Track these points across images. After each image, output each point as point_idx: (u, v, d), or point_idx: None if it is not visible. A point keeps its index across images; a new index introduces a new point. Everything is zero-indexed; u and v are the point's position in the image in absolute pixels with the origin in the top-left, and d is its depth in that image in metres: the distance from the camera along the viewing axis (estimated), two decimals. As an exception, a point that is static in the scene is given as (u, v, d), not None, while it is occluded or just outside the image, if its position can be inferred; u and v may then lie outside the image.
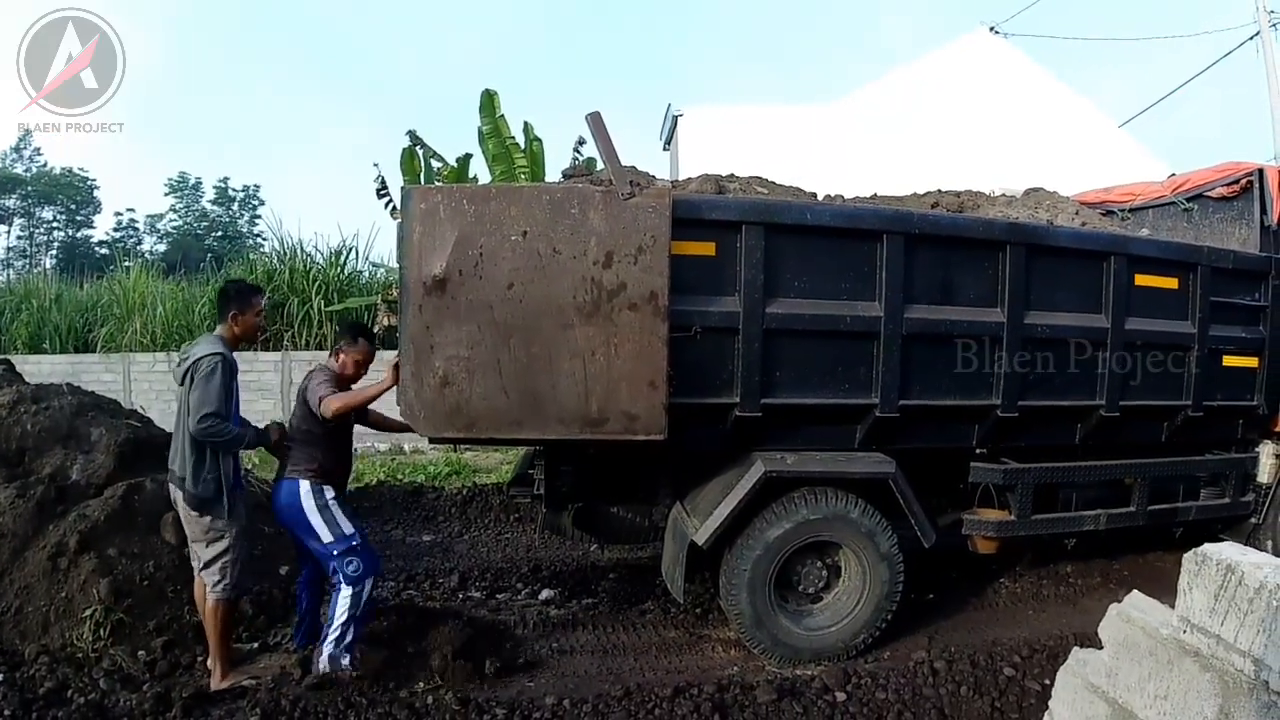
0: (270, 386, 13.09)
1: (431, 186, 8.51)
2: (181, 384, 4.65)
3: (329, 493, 4.79)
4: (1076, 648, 3.32)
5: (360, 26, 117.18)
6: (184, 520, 4.72)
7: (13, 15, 52.42)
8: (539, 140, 12.16)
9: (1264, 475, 6.74)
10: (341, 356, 5.02)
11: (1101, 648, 3.09)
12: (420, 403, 4.54)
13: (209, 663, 4.74)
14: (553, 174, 11.63)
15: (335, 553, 4.69)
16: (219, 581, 4.65)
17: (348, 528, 4.76)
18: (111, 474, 5.77)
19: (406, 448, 12.05)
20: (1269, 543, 6.82)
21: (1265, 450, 6.75)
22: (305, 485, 4.72)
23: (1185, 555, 2.74)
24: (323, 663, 4.63)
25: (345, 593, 4.68)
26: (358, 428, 5.23)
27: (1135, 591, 3.08)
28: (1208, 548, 2.69)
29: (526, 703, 4.51)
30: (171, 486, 4.76)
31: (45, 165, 46.57)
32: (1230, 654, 2.52)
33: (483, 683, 4.75)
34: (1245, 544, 6.31)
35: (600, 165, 5.35)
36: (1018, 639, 5.41)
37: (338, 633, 4.67)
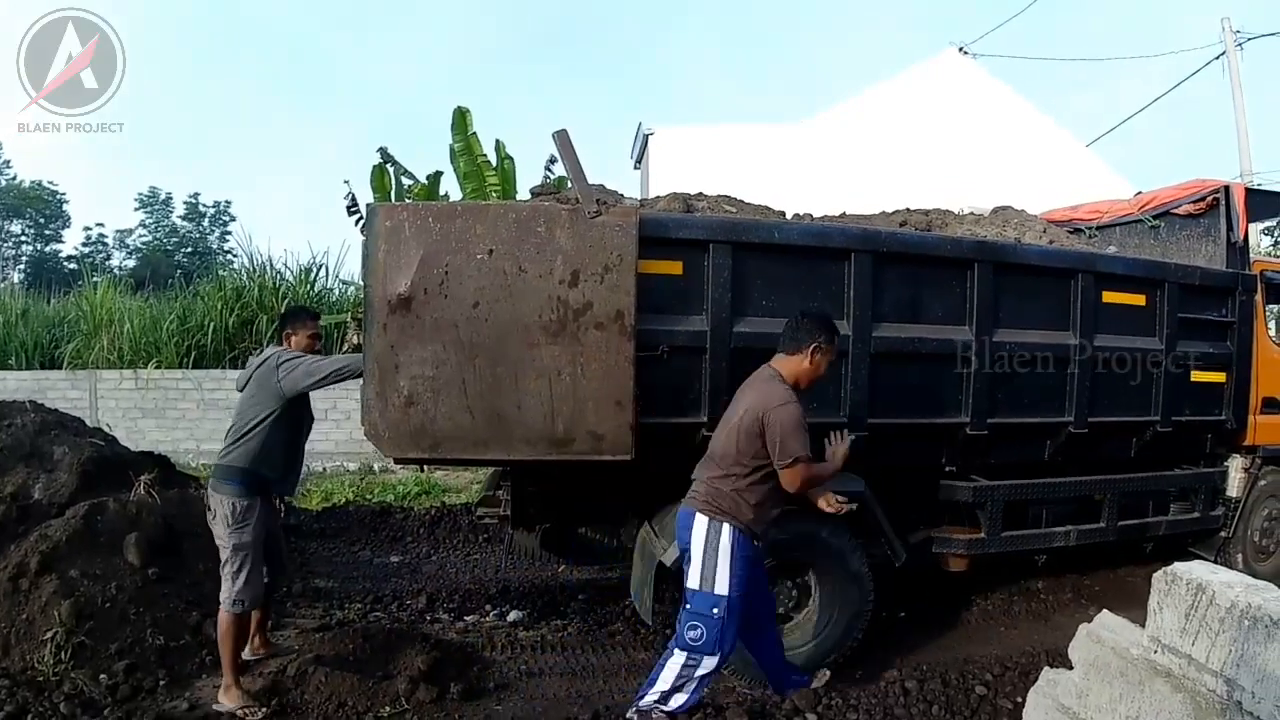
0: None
1: (397, 204, 8.46)
2: (241, 390, 4.90)
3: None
4: (1047, 668, 3.31)
5: (333, 42, 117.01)
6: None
7: (13, 15, 52.04)
8: (510, 158, 12.14)
9: (1233, 489, 6.84)
10: None
11: (1072, 667, 3.07)
12: (384, 423, 4.47)
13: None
14: (524, 192, 11.62)
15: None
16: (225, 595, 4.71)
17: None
18: (74, 493, 5.72)
19: (376, 467, 11.95)
20: (1239, 556, 6.89)
21: (1234, 464, 6.85)
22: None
23: (1155, 575, 2.73)
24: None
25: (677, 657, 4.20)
26: (329, 447, 5.20)
27: (1105, 611, 3.07)
28: (1178, 567, 2.68)
29: (493, 727, 4.46)
30: (211, 493, 4.78)
31: (14, 178, 46.13)
32: (1202, 674, 2.51)
33: (449, 707, 4.67)
34: (1215, 557, 6.46)
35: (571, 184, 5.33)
36: (990, 656, 5.41)
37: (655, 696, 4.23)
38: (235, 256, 26.52)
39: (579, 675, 5.30)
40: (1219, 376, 6.49)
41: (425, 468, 10.67)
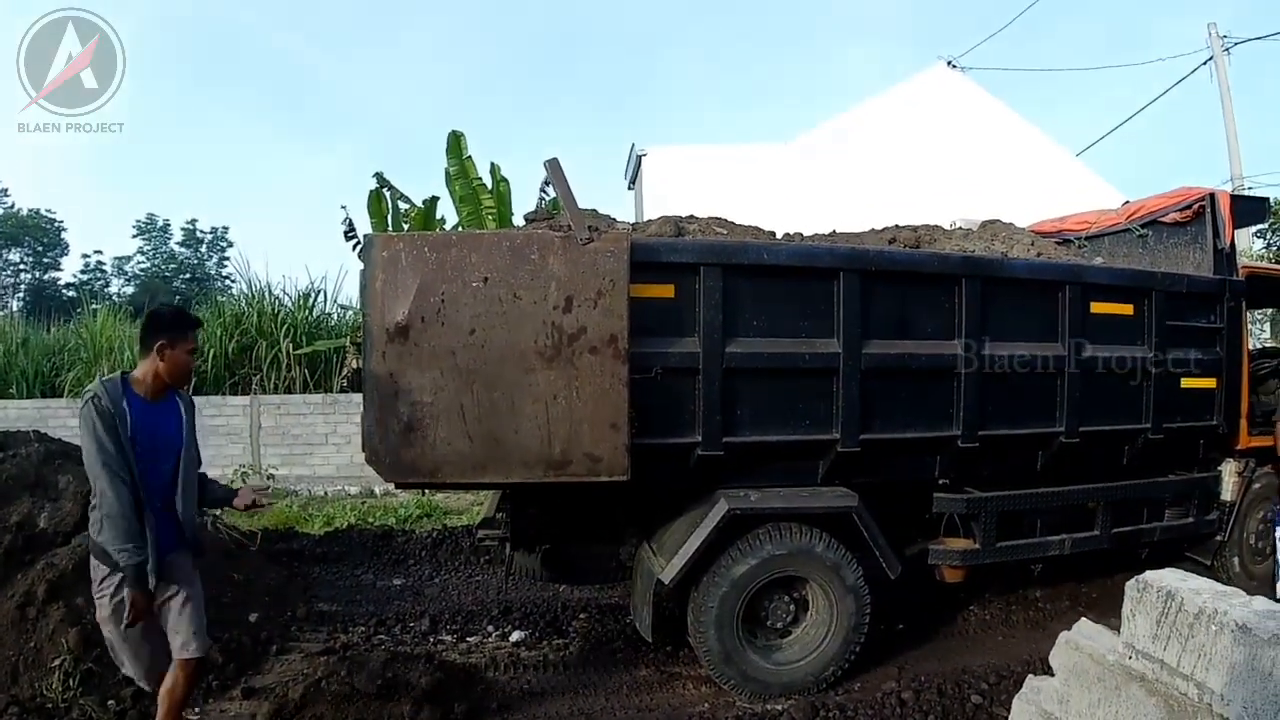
0: (239, 430, 13.02)
1: (393, 234, 8.55)
2: None
3: None
4: (1031, 675, 3.40)
5: (328, 66, 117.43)
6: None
7: (13, 15, 52.27)
8: (506, 180, 12.27)
9: (1227, 493, 6.85)
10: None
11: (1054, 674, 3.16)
12: (385, 449, 4.56)
13: None
14: (521, 214, 11.74)
15: None
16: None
17: None
18: (79, 522, 5.74)
19: (377, 491, 11.99)
20: (1235, 559, 6.93)
21: (1227, 469, 6.86)
22: None
23: (1127, 583, 2.81)
24: None
25: None
26: (330, 471, 5.21)
27: (1083, 619, 3.15)
28: (1148, 575, 2.76)
29: (497, 747, 4.51)
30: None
31: (12, 207, 46.38)
32: (1174, 678, 2.59)
33: (454, 728, 4.72)
34: (1211, 561, 6.50)
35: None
36: (986, 666, 5.48)
37: None
38: (233, 282, 26.68)
39: (581, 693, 5.35)
40: (1209, 382, 6.52)
41: (426, 491, 10.74)
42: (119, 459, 3.64)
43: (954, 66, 21.64)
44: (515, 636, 6.28)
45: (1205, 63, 18.09)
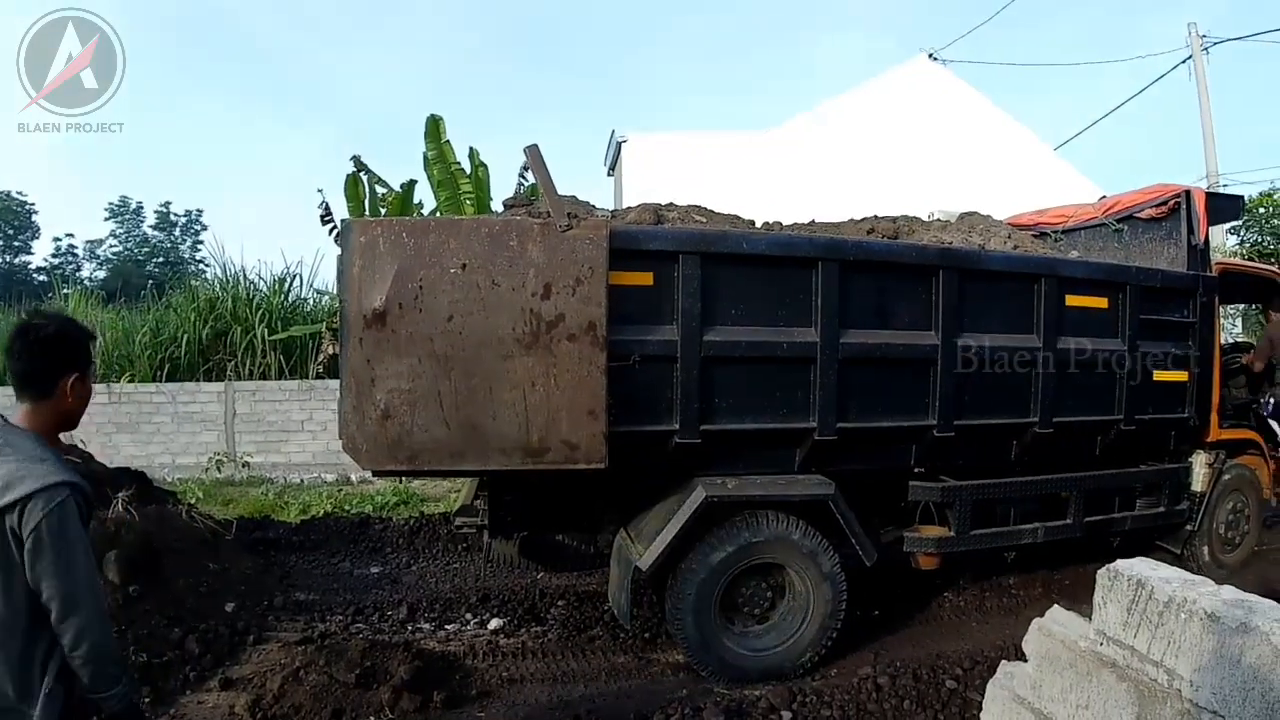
0: (213, 418, 12.93)
1: (371, 220, 8.51)
2: None
3: None
4: (1004, 661, 3.44)
5: (305, 49, 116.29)
6: None
7: (13, 15, 51.57)
8: (484, 166, 12.24)
9: (1197, 484, 6.97)
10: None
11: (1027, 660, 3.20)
12: (362, 436, 4.54)
13: None
14: (499, 199, 11.71)
15: None
16: None
17: None
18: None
19: (354, 478, 11.94)
20: (1205, 549, 7.04)
21: (1198, 460, 6.98)
22: None
23: (1099, 571, 2.86)
24: None
25: None
26: (306, 458, 5.11)
27: (1056, 606, 3.19)
28: (1119, 564, 2.81)
29: (476, 734, 4.51)
30: None
31: (-19, 189, 45.55)
32: (1144, 664, 2.63)
33: (433, 715, 4.72)
34: (1182, 550, 6.59)
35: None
36: (961, 651, 5.52)
37: None
38: (208, 266, 26.46)
39: (560, 681, 5.36)
40: (1181, 376, 6.61)
41: (403, 479, 10.71)
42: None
43: (935, 59, 21.73)
44: (493, 624, 6.27)
45: (1184, 61, 18.34)
